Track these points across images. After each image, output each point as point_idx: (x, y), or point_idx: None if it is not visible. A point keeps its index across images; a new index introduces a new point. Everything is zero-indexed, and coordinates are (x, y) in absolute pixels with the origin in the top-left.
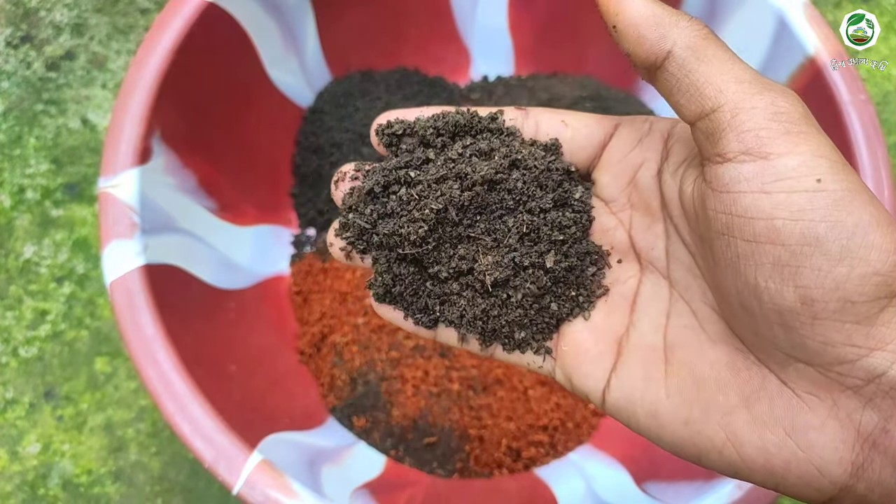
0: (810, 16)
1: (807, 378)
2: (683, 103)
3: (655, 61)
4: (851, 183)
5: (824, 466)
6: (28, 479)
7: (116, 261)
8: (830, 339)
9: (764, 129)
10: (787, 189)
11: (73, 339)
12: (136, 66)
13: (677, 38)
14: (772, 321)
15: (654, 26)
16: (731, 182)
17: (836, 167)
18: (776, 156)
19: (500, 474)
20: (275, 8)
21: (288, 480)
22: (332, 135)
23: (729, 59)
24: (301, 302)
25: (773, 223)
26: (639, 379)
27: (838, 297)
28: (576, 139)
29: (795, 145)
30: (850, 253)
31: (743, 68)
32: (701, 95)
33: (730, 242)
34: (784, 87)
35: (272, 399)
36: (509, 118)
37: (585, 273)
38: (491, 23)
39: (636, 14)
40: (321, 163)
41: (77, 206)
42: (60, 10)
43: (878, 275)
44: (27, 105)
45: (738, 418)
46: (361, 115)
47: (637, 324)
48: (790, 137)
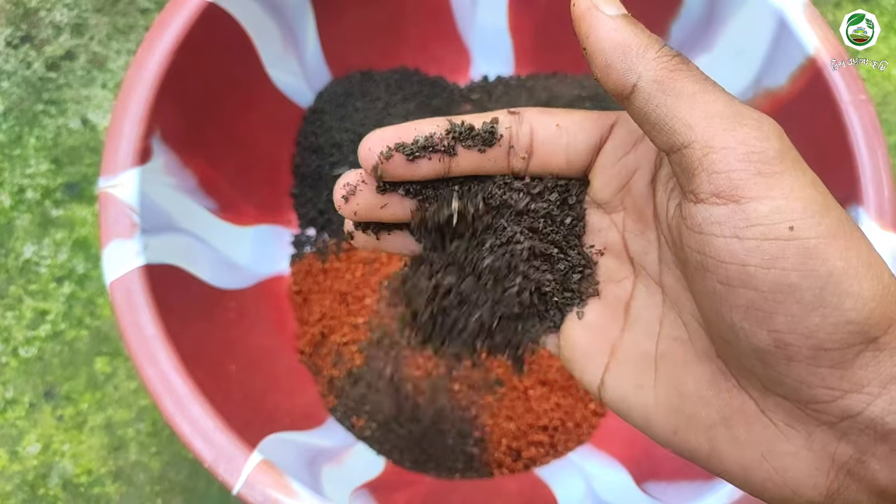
0: (810, 16)
1: (783, 409)
2: (655, 135)
3: (623, 92)
4: (828, 227)
5: (799, 489)
6: (28, 479)
7: (116, 261)
8: (805, 380)
9: (735, 171)
10: (759, 236)
11: (73, 338)
12: (136, 66)
13: (643, 71)
14: (749, 356)
15: (622, 56)
16: (703, 223)
17: (811, 210)
18: (747, 200)
19: (500, 474)
20: (275, 8)
21: (288, 480)
22: (332, 135)
23: (699, 90)
24: (301, 302)
25: (746, 269)
26: (630, 385)
27: (812, 344)
28: (572, 145)
29: (768, 189)
30: (823, 302)
31: (714, 100)
32: (671, 131)
33: (705, 279)
34: (760, 116)
35: (272, 399)
36: (504, 126)
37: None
38: (491, 23)
39: (604, 40)
40: (321, 163)
41: (77, 206)
42: (60, 10)
43: (852, 323)
44: (27, 105)
45: (719, 434)
46: (361, 115)
47: (631, 328)
48: (762, 180)
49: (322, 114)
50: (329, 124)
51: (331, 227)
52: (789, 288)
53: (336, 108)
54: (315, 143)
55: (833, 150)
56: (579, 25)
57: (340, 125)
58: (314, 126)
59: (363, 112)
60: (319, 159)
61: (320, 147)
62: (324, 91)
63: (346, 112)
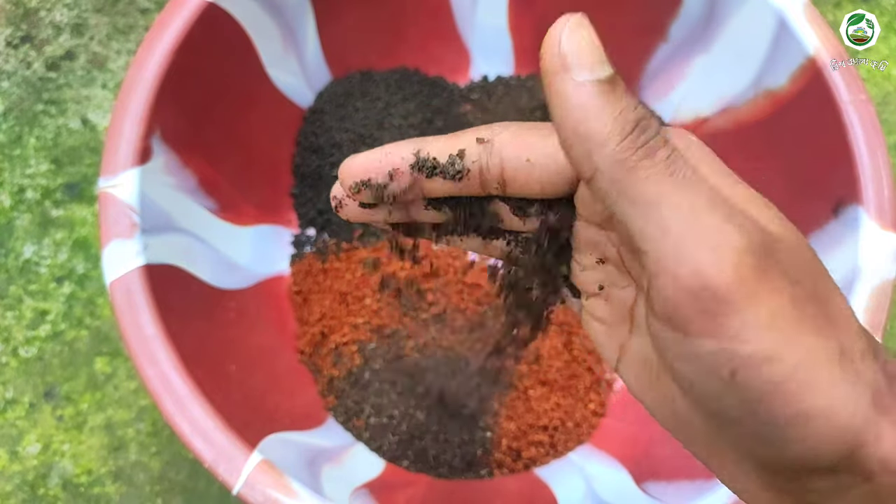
0: (810, 16)
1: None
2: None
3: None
4: (777, 374)
5: None
6: (28, 479)
7: (116, 260)
8: None
9: (681, 306)
10: (704, 371)
11: (73, 338)
12: (136, 66)
13: (600, 164)
14: None
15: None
16: (656, 334)
17: (758, 357)
18: (693, 336)
19: (500, 474)
20: (275, 8)
21: (288, 480)
22: (332, 135)
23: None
24: (301, 302)
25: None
26: (635, 384)
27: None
28: (545, 177)
29: (716, 327)
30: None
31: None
32: (626, 233)
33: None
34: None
35: (272, 399)
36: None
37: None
38: (491, 23)
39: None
40: (321, 163)
41: (77, 206)
42: (60, 10)
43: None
44: (27, 105)
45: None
46: (361, 115)
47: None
48: (707, 318)
49: (322, 114)
50: (329, 124)
51: (331, 227)
52: (737, 421)
53: (336, 108)
54: (315, 143)
55: (833, 150)
56: (545, 88)
57: (340, 125)
58: (314, 126)
59: (363, 112)
60: (319, 159)
61: (320, 147)
62: (324, 91)
63: (346, 112)
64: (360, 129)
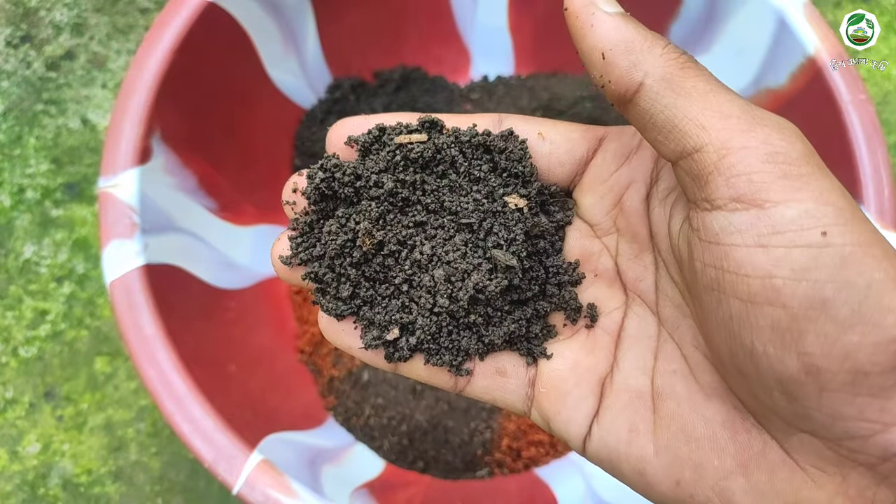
0: (810, 16)
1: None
2: (661, 140)
3: (626, 93)
4: (862, 235)
5: None
6: (28, 479)
7: (116, 260)
8: (840, 412)
9: (757, 173)
10: (786, 243)
11: (73, 338)
12: (136, 66)
13: (650, 68)
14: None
15: (625, 53)
16: (721, 233)
17: (844, 216)
18: (773, 204)
19: (500, 474)
20: (275, 8)
21: (288, 480)
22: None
23: (713, 90)
24: (301, 302)
25: (772, 282)
26: (623, 430)
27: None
28: (554, 154)
29: (796, 191)
30: (862, 318)
31: (730, 100)
32: (680, 133)
33: (720, 300)
34: (780, 119)
35: (272, 399)
36: (483, 126)
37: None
38: (491, 23)
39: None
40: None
41: (77, 206)
42: (60, 9)
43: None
44: (27, 105)
45: (734, 484)
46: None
47: (621, 363)
48: (789, 182)
49: (322, 114)
50: (329, 124)
51: None
52: (822, 303)
53: (336, 109)
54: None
55: (833, 150)
56: (574, 24)
57: None
58: (314, 126)
59: (363, 112)
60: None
61: (320, 147)
62: (324, 91)
63: (345, 112)
64: None
